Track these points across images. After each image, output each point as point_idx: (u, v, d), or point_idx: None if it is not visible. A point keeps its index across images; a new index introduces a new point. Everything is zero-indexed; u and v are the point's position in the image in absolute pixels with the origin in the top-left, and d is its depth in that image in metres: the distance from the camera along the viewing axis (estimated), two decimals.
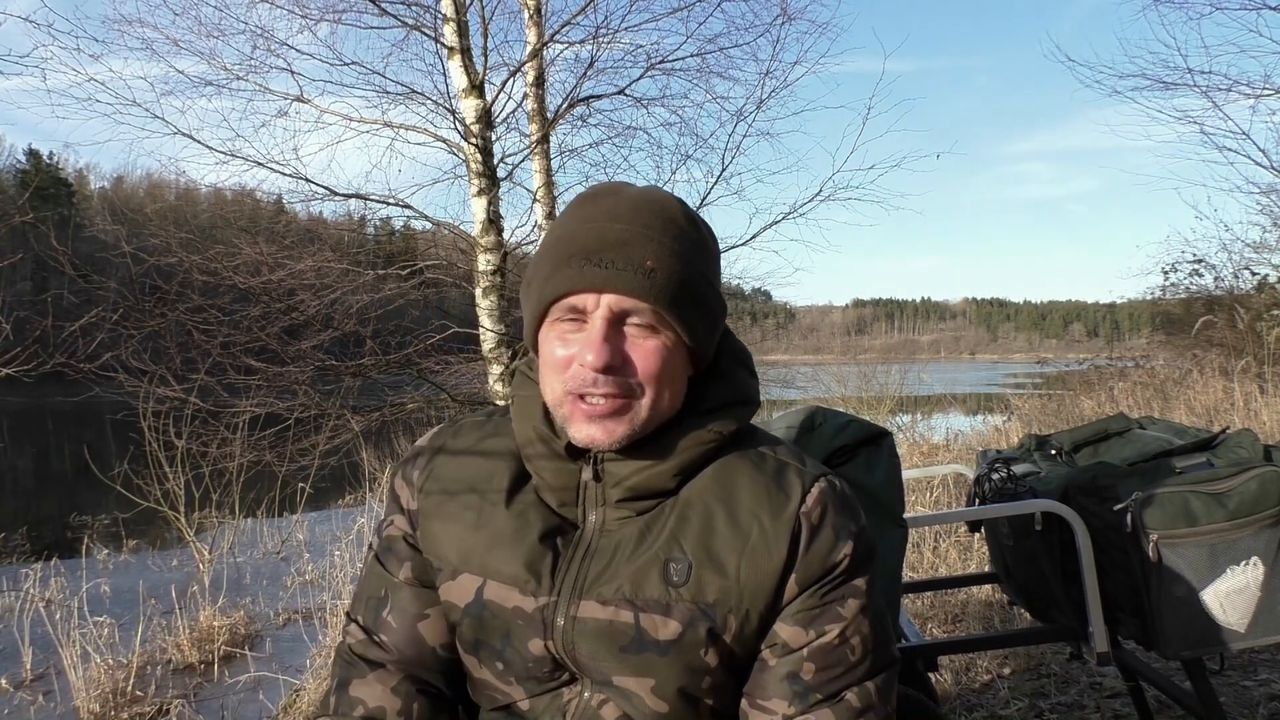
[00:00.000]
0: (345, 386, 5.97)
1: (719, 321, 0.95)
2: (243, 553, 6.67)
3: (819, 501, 0.91)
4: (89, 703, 3.51)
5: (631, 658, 0.88)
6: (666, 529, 0.90)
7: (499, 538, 0.93)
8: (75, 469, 12.30)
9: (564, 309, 0.88)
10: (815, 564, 0.89)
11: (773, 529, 0.89)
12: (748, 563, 0.88)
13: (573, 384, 0.87)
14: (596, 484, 0.92)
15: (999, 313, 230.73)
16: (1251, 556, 1.62)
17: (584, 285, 0.86)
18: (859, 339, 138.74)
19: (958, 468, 2.52)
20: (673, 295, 0.86)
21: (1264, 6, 7.70)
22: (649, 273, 0.85)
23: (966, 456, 7.26)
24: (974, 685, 2.84)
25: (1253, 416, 6.34)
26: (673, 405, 0.91)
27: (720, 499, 0.91)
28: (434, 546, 0.97)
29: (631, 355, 0.87)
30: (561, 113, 6.22)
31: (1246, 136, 8.37)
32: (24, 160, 51.53)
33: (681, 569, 0.88)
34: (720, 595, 0.88)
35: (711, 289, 0.92)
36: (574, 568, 0.91)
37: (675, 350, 0.89)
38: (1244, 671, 2.74)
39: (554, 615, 0.90)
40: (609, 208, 0.89)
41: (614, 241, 0.86)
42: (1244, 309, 8.61)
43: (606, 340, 0.86)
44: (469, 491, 0.97)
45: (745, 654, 0.91)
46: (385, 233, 10.39)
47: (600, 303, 0.86)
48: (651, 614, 0.88)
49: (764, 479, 0.92)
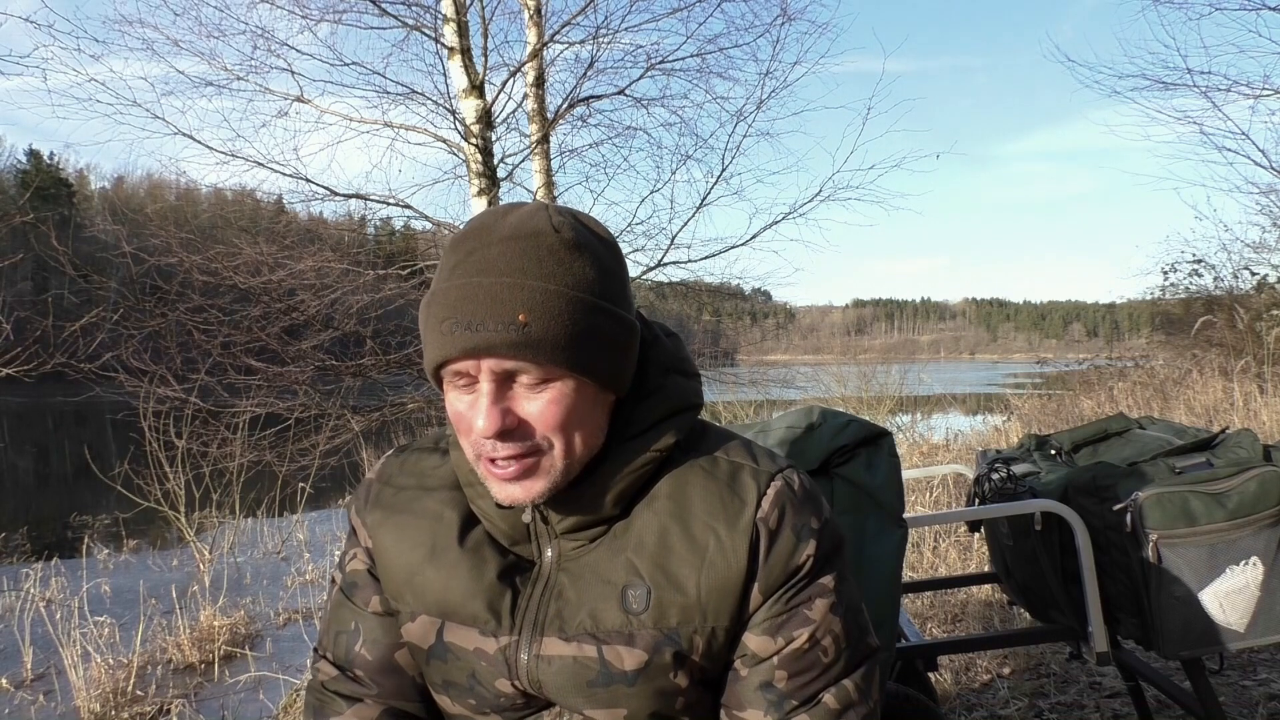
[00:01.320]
0: (345, 386, 5.98)
1: (626, 345, 0.85)
2: (243, 553, 6.67)
3: (775, 504, 0.87)
4: (89, 702, 3.51)
5: (600, 691, 0.86)
6: (623, 555, 0.87)
7: (454, 577, 0.90)
8: (75, 469, 12.30)
9: (450, 374, 0.82)
10: (776, 570, 0.86)
11: (729, 539, 0.86)
12: (707, 578, 0.85)
13: (477, 448, 0.83)
14: (544, 524, 0.89)
15: (999, 313, 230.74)
16: (1251, 556, 1.62)
17: (458, 353, 0.79)
18: (859, 339, 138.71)
19: (958, 468, 2.52)
20: (554, 345, 0.79)
21: (1263, 7, 7.71)
22: (522, 328, 0.77)
23: (966, 456, 7.26)
24: (974, 685, 2.84)
25: (1252, 416, 6.34)
26: (590, 445, 0.85)
27: (673, 515, 0.88)
28: (390, 587, 0.94)
29: (527, 413, 0.81)
30: (561, 113, 6.22)
31: (1246, 137, 8.39)
32: (24, 160, 51.56)
33: (640, 595, 0.86)
34: (683, 617, 0.85)
35: (605, 316, 0.82)
36: (534, 604, 0.88)
37: (577, 393, 0.82)
38: (1244, 671, 2.74)
39: (516, 654, 0.88)
40: (477, 257, 0.81)
41: (484, 298, 0.78)
42: (1243, 309, 8.61)
43: (494, 404, 0.80)
44: (419, 537, 0.93)
45: (716, 668, 0.89)
46: (385, 233, 10.40)
47: (481, 368, 0.80)
48: (615, 645, 0.85)
49: (717, 486, 0.88)
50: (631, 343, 0.87)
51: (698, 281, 7.47)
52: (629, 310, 0.87)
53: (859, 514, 1.44)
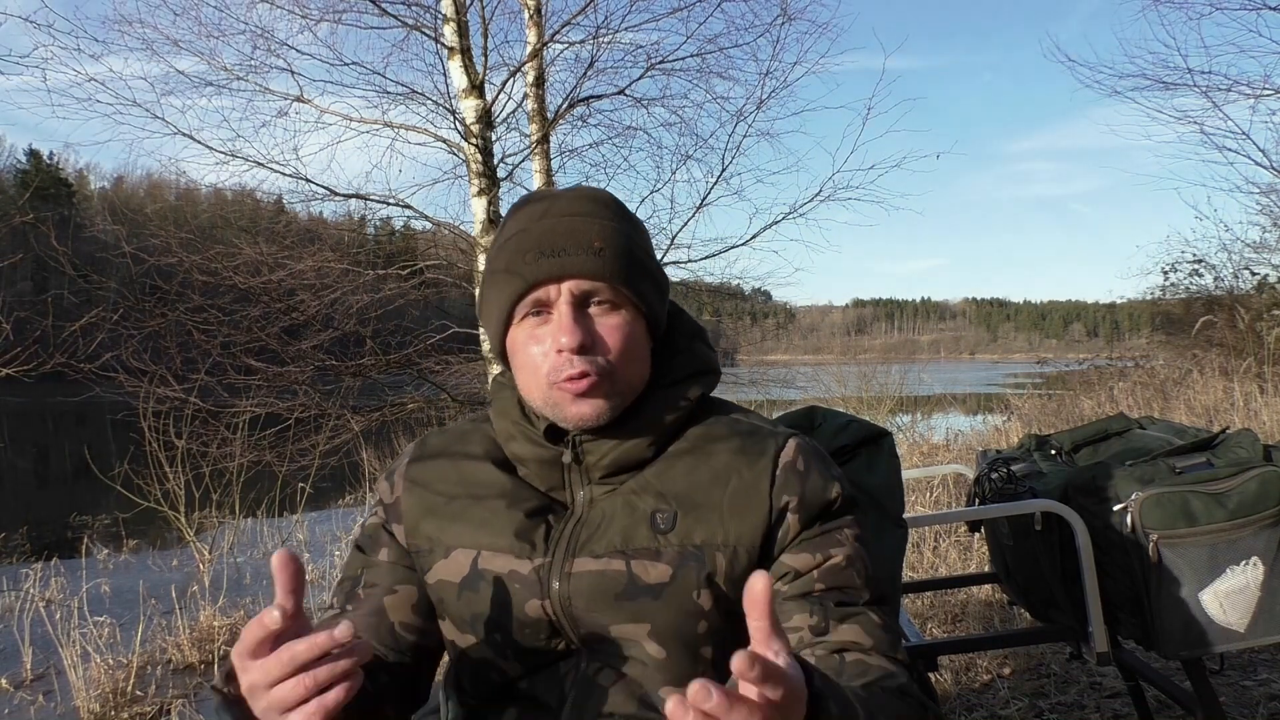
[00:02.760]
0: (345, 386, 5.98)
1: (666, 292, 1.01)
2: (243, 553, 6.67)
3: (798, 451, 0.97)
4: (89, 703, 3.50)
5: (626, 604, 0.91)
6: (650, 489, 0.96)
7: (491, 513, 0.98)
8: (75, 469, 12.30)
9: (529, 305, 0.93)
10: (813, 500, 0.95)
11: (751, 477, 0.95)
12: (730, 504, 0.93)
13: (553, 373, 0.92)
14: (579, 465, 0.97)
15: (999, 313, 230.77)
16: (1251, 556, 1.62)
17: (543, 276, 0.91)
18: (859, 339, 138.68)
19: (958, 468, 2.52)
20: (624, 268, 0.93)
21: (1264, 6, 7.71)
22: (599, 251, 0.91)
23: (966, 456, 7.26)
24: (974, 685, 2.84)
25: (1253, 416, 6.34)
26: (643, 377, 0.97)
27: (698, 458, 0.97)
28: (423, 532, 1.00)
29: (599, 333, 0.93)
30: (561, 113, 6.22)
31: (1246, 136, 8.39)
32: (24, 160, 51.60)
33: (668, 517, 0.93)
34: (707, 536, 0.92)
35: (653, 261, 0.99)
36: (565, 533, 0.95)
37: (636, 323, 0.95)
38: (1244, 671, 2.74)
39: (549, 575, 0.93)
40: (544, 207, 0.95)
41: (561, 231, 0.92)
42: (1244, 309, 8.61)
43: (576, 322, 0.91)
44: (454, 487, 1.01)
45: (737, 596, 0.90)
46: (385, 233, 10.40)
47: (561, 290, 0.92)
48: (642, 560, 0.92)
49: (738, 438, 0.98)
50: (666, 292, 1.02)
51: (698, 281, 7.48)
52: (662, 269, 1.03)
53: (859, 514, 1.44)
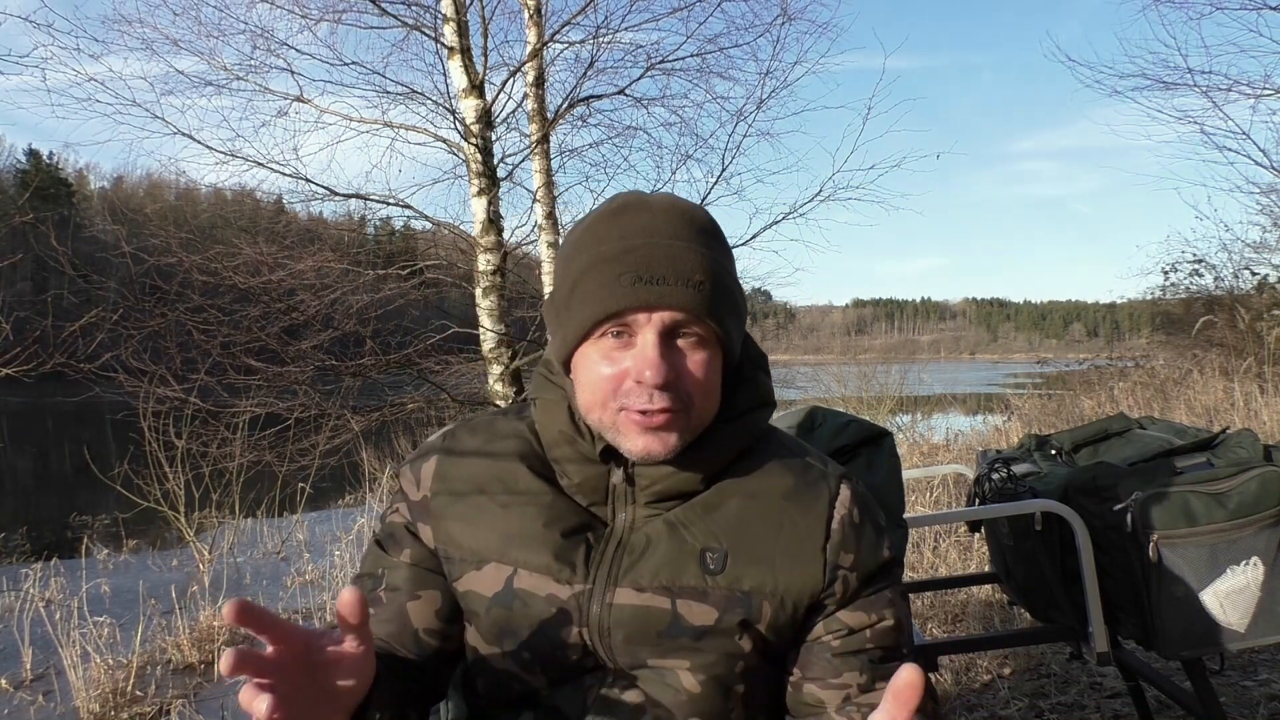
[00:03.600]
0: (345, 386, 5.97)
1: (745, 315, 0.96)
2: (243, 553, 6.67)
3: (853, 502, 0.95)
4: (89, 703, 3.50)
5: (668, 642, 0.89)
6: (699, 523, 0.92)
7: (527, 531, 0.93)
8: (75, 469, 12.29)
9: (612, 326, 0.87)
10: (869, 558, 0.93)
11: (805, 526, 0.92)
12: (782, 553, 0.91)
13: (626, 400, 0.87)
14: (629, 486, 0.93)
15: (999, 313, 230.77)
16: (1251, 556, 1.62)
17: (638, 304, 0.85)
18: (859, 339, 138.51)
19: (958, 468, 2.52)
20: (718, 305, 0.87)
21: (1264, 6, 7.71)
22: (698, 285, 0.85)
23: (966, 456, 7.26)
24: (974, 685, 2.84)
25: (1253, 416, 6.34)
26: (714, 412, 0.92)
27: (750, 495, 0.93)
28: (454, 540, 0.96)
29: (686, 369, 0.87)
30: (561, 113, 6.22)
31: (1246, 136, 8.39)
32: (24, 160, 51.59)
33: (718, 558, 0.90)
34: (756, 585, 0.90)
35: (741, 293, 0.94)
36: (607, 557, 0.91)
37: (717, 358, 0.90)
38: (1244, 671, 2.74)
39: (589, 602, 0.90)
40: (646, 223, 0.88)
41: (664, 258, 0.85)
42: (1244, 309, 8.61)
43: (663, 357, 0.85)
44: (487, 489, 0.96)
45: (780, 642, 0.93)
46: (385, 233, 10.40)
47: (652, 319, 0.85)
48: (688, 600, 0.89)
49: (791, 476, 0.95)
50: (745, 316, 0.96)
51: None
52: None
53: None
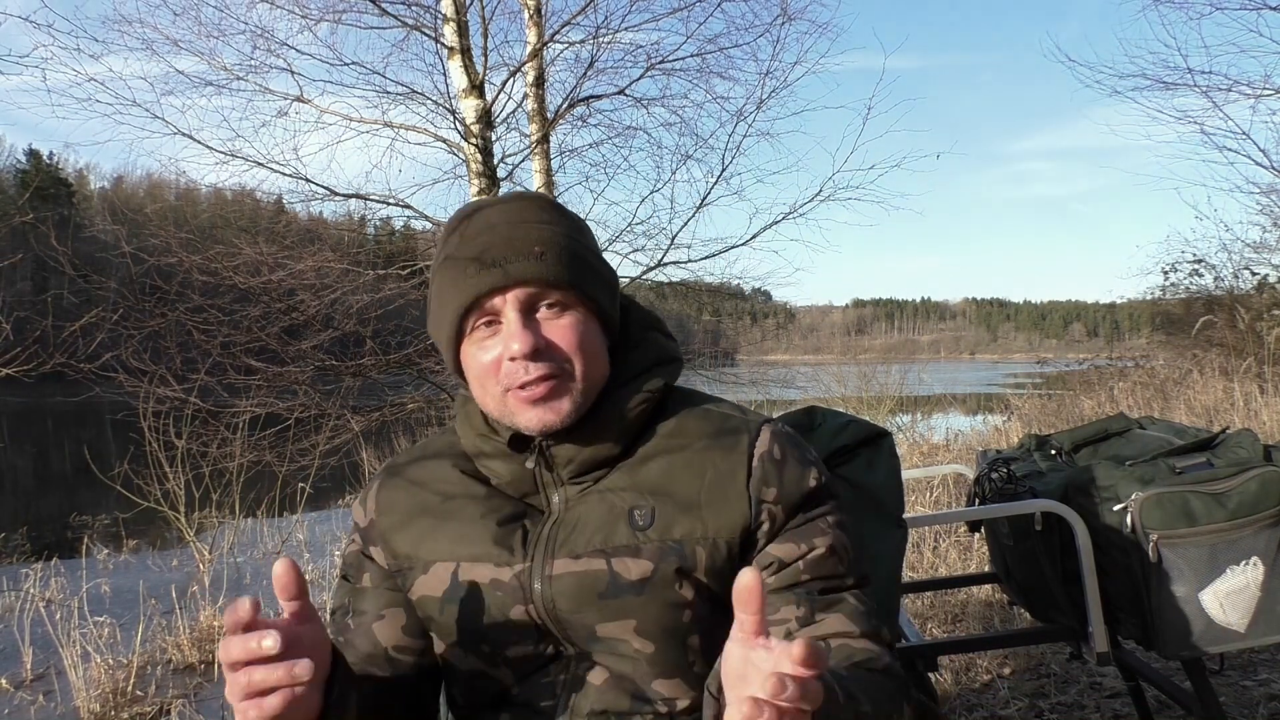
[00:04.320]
0: (345, 386, 5.97)
1: (615, 288, 1.01)
2: (243, 553, 6.67)
3: (773, 440, 0.97)
4: (89, 703, 3.50)
5: (610, 602, 0.91)
6: (626, 485, 0.96)
7: (465, 528, 0.97)
8: (75, 469, 12.29)
9: (477, 316, 0.93)
10: (792, 490, 0.95)
11: (727, 467, 0.95)
12: (707, 497, 0.93)
13: (507, 380, 0.92)
14: (549, 470, 0.97)
15: (999, 313, 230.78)
16: (1251, 556, 1.62)
17: (485, 288, 0.91)
18: (859, 339, 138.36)
19: (958, 468, 2.52)
20: (567, 270, 0.92)
21: (1264, 6, 7.71)
22: (539, 256, 0.91)
23: (966, 456, 7.26)
24: (974, 685, 2.84)
25: (1253, 416, 6.34)
26: (602, 375, 0.96)
27: (670, 449, 0.97)
28: (401, 550, 1.01)
29: (551, 337, 0.92)
30: (561, 113, 6.22)
31: (1246, 136, 8.39)
32: (24, 160, 51.60)
33: (645, 514, 0.93)
34: (686, 531, 0.92)
35: (597, 258, 0.99)
36: (544, 537, 0.95)
37: (587, 321, 0.95)
38: (1244, 671, 2.74)
39: (530, 579, 0.93)
40: (481, 220, 0.95)
41: (501, 241, 0.92)
42: (1244, 309, 8.61)
43: (525, 328, 0.91)
44: (425, 501, 1.01)
45: (720, 587, 0.93)
46: (385, 233, 10.38)
47: (508, 298, 0.91)
48: (623, 558, 0.92)
49: (710, 428, 0.98)
50: (616, 285, 1.02)
51: (698, 281, 7.46)
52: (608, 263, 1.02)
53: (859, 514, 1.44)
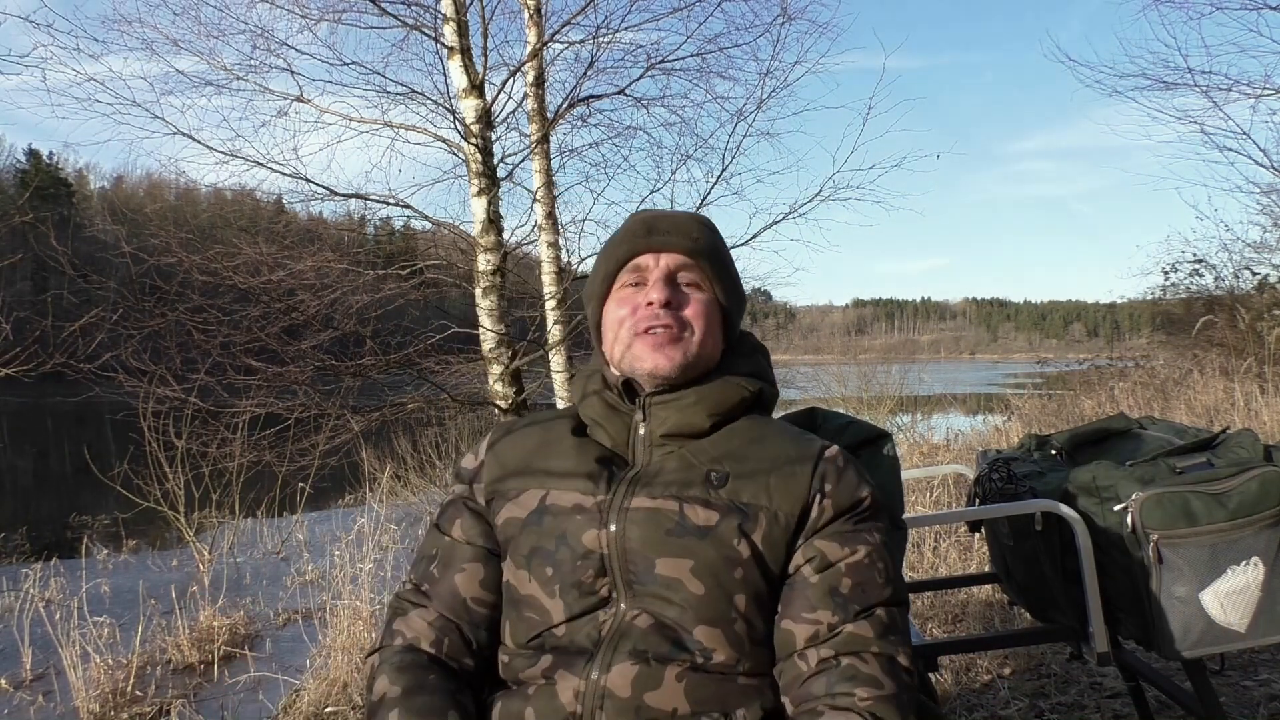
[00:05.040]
0: (345, 386, 5.96)
1: (743, 300, 1.22)
2: (243, 553, 6.68)
3: (838, 454, 1.11)
4: (89, 703, 3.50)
5: (674, 540, 1.03)
6: (706, 454, 1.10)
7: (561, 461, 1.13)
8: (75, 469, 12.29)
9: (629, 271, 1.16)
10: (845, 494, 1.07)
11: (798, 459, 1.09)
12: (776, 478, 1.07)
13: (640, 323, 1.11)
14: (645, 424, 1.12)
15: (999, 313, 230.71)
16: (1252, 556, 1.62)
17: (646, 248, 1.15)
18: (859, 339, 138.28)
19: (958, 468, 2.52)
20: (712, 258, 1.16)
21: (1264, 6, 7.71)
22: (695, 239, 1.16)
23: (966, 456, 7.26)
24: (974, 685, 2.84)
25: (1253, 416, 6.34)
26: (713, 351, 1.16)
27: (752, 440, 1.12)
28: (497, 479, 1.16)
29: (684, 300, 1.14)
30: (561, 113, 6.21)
31: (1247, 136, 8.39)
32: (24, 160, 51.60)
33: (720, 476, 1.07)
34: (753, 499, 1.05)
35: (736, 275, 1.21)
36: (628, 477, 1.09)
37: (713, 306, 1.16)
38: (1244, 671, 2.74)
39: (609, 509, 1.06)
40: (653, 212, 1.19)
41: (666, 220, 1.17)
42: (1244, 309, 8.61)
43: (666, 283, 1.13)
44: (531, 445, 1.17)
45: (772, 558, 1.04)
46: (385, 233, 10.38)
47: (659, 260, 1.15)
48: (694, 505, 1.05)
49: (788, 436, 1.14)
50: (743, 301, 1.23)
51: None
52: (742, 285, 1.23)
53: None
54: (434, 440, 8.78)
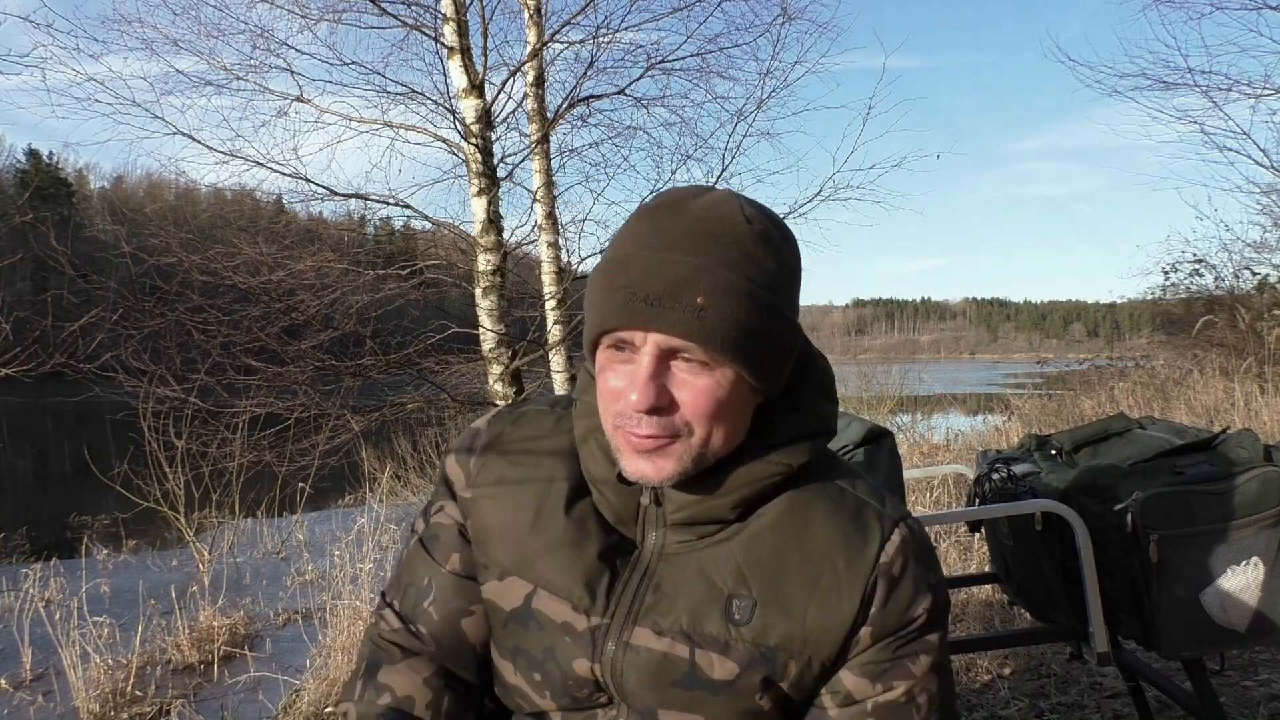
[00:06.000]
0: (345, 386, 5.96)
1: (789, 353, 0.85)
2: (243, 553, 6.67)
3: (900, 551, 0.86)
4: (89, 703, 3.50)
5: (681, 693, 0.84)
6: (732, 561, 0.86)
7: (555, 545, 0.89)
8: (75, 469, 12.30)
9: (612, 340, 0.82)
10: (892, 617, 0.85)
11: (846, 575, 0.84)
12: (816, 608, 0.84)
13: (619, 418, 0.82)
14: (657, 507, 0.88)
15: (999, 313, 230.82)
16: (1252, 556, 1.62)
17: (629, 323, 0.79)
18: (859, 339, 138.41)
19: (958, 468, 2.52)
20: (725, 334, 0.78)
21: (1264, 6, 7.71)
22: (699, 311, 0.77)
23: (966, 456, 7.25)
24: (974, 685, 2.84)
25: (1253, 416, 6.34)
26: (729, 442, 0.84)
27: (792, 534, 0.86)
28: (484, 543, 0.93)
29: (679, 394, 0.80)
30: (561, 113, 6.22)
31: (1247, 136, 8.40)
32: (24, 160, 51.62)
33: (745, 607, 0.84)
34: (783, 640, 0.84)
35: (778, 316, 0.82)
36: (630, 590, 0.87)
37: (733, 387, 0.81)
38: (1244, 671, 2.74)
39: (605, 639, 0.86)
40: (666, 232, 0.80)
41: (665, 277, 0.78)
42: (1244, 309, 8.61)
43: (651, 380, 0.79)
44: (527, 489, 0.92)
45: (801, 699, 0.87)
46: (385, 233, 10.38)
47: (647, 340, 0.79)
48: (708, 651, 0.84)
49: (841, 519, 0.87)
50: (794, 348, 0.86)
51: None
52: (796, 315, 0.86)
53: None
54: (434, 440, 8.79)
